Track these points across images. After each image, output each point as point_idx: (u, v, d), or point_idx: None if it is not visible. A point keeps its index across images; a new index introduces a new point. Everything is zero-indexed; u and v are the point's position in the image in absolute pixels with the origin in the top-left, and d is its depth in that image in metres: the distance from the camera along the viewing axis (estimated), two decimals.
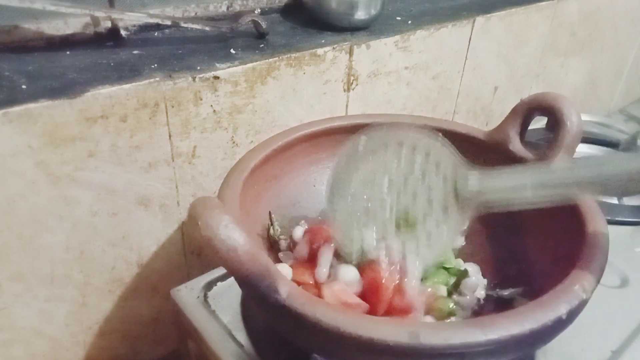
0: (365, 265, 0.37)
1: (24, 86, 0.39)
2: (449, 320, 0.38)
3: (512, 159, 0.45)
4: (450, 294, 0.41)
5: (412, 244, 0.36)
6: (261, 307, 0.30)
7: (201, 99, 0.46)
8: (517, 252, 0.44)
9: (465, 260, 0.45)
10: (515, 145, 0.46)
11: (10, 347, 0.44)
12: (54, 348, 0.47)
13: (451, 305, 0.39)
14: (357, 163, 0.37)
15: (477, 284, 0.41)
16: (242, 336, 0.40)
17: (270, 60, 0.49)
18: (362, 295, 0.37)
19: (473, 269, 0.43)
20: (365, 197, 0.37)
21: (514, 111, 0.46)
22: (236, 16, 0.54)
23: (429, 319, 0.38)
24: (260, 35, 0.54)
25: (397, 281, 0.36)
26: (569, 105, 0.42)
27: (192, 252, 0.53)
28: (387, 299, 0.36)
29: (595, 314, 0.43)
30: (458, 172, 0.36)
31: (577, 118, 0.42)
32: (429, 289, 0.39)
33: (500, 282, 0.43)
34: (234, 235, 0.28)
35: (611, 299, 0.46)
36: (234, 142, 0.51)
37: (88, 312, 0.48)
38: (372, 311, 0.36)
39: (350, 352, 0.29)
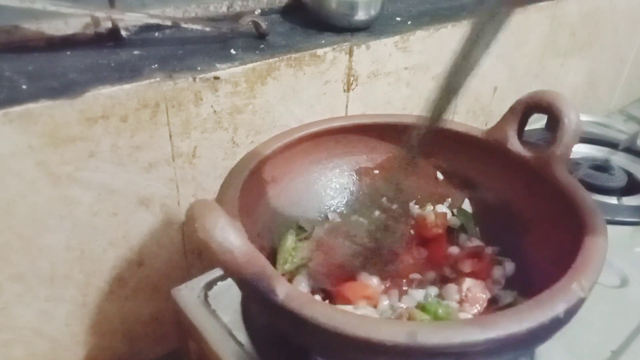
0: None
1: (24, 86, 0.39)
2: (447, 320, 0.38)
3: (511, 158, 0.45)
4: None
5: None
6: (260, 307, 0.30)
7: (201, 99, 0.46)
8: (515, 252, 0.44)
9: None
10: (514, 144, 0.45)
11: (10, 347, 0.44)
12: (54, 348, 0.47)
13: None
14: None
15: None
16: (242, 336, 0.40)
17: (271, 60, 0.49)
18: None
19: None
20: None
21: (511, 109, 0.46)
22: (236, 17, 0.54)
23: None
24: (260, 36, 0.54)
25: None
26: (567, 103, 0.42)
27: (193, 251, 0.53)
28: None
29: (595, 314, 0.43)
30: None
31: (575, 116, 0.42)
32: None
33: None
34: (230, 237, 0.28)
35: (611, 299, 0.46)
36: (234, 143, 0.51)
37: (88, 312, 0.48)
38: None
39: (349, 352, 0.29)
